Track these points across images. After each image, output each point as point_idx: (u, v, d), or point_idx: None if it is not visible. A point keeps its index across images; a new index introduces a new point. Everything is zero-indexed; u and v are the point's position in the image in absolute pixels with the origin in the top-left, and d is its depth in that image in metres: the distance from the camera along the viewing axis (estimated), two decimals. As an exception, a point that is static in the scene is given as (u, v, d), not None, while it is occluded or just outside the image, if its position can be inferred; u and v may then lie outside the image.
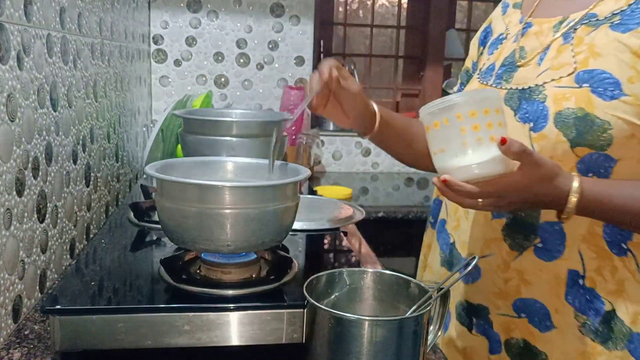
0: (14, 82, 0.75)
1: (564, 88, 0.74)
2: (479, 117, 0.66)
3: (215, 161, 0.91)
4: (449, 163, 0.69)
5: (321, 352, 0.61)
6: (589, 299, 0.76)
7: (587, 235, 0.75)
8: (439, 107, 0.68)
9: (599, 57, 0.73)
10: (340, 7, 2.45)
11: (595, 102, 0.71)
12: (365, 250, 1.20)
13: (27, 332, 0.75)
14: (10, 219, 0.74)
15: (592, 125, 0.71)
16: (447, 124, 0.68)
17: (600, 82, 0.72)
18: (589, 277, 0.75)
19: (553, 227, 0.77)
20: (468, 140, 0.66)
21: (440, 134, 0.69)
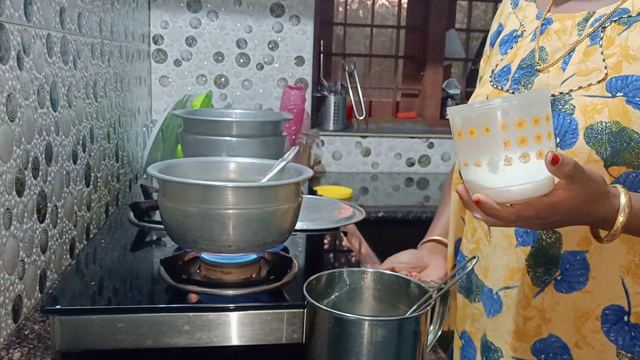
0: (14, 82, 0.75)
1: (594, 97, 0.65)
2: (527, 128, 0.54)
3: (217, 161, 0.91)
4: (484, 180, 0.57)
5: (321, 352, 0.61)
6: (635, 335, 0.67)
7: (632, 267, 0.66)
8: (478, 111, 0.56)
9: (635, 61, 0.64)
10: (340, 7, 2.45)
11: (632, 115, 0.63)
12: (365, 250, 1.20)
13: (27, 332, 0.75)
14: (10, 219, 0.74)
15: (630, 141, 0.62)
16: (488, 134, 0.55)
17: (637, 91, 0.63)
18: (635, 313, 0.67)
19: (575, 257, 0.69)
20: (512, 157, 0.55)
21: (475, 145, 0.56)
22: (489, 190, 0.57)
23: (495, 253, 0.76)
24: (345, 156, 2.30)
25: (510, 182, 0.56)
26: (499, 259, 0.76)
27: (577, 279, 0.69)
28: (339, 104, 2.25)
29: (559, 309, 0.70)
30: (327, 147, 2.28)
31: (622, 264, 0.67)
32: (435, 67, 2.42)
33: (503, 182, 0.56)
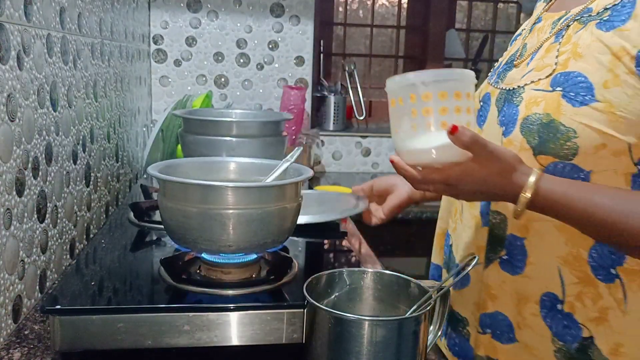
0: (14, 82, 0.75)
1: (539, 91, 0.69)
2: (433, 100, 0.62)
3: (217, 161, 0.91)
4: (400, 144, 0.66)
5: (321, 352, 0.61)
6: (567, 324, 0.71)
7: (569, 258, 0.70)
8: (398, 84, 0.65)
9: (580, 59, 0.67)
10: (340, 7, 2.45)
11: (563, 108, 0.66)
12: (365, 250, 1.20)
13: (27, 332, 0.75)
14: (10, 219, 0.74)
15: (556, 132, 0.66)
16: (402, 104, 0.64)
17: (573, 86, 0.66)
18: (568, 302, 0.71)
19: (517, 242, 0.73)
20: (417, 124, 0.63)
21: (396, 113, 0.66)
22: (402, 153, 0.67)
23: (465, 232, 0.82)
24: (345, 156, 2.30)
25: (413, 145, 0.64)
26: (466, 237, 0.82)
27: (518, 263, 0.74)
28: (339, 104, 2.25)
29: (506, 287, 0.75)
30: (327, 147, 2.28)
31: (560, 254, 0.70)
32: (435, 67, 2.42)
33: (411, 145, 0.65)
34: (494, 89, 0.79)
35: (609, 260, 0.68)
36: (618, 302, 0.68)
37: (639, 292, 0.68)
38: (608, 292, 0.69)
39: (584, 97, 0.65)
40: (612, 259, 0.68)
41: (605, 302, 0.69)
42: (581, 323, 0.70)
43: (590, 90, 0.65)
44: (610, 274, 0.68)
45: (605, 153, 0.65)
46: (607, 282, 0.69)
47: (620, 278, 0.68)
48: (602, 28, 0.66)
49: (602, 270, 0.69)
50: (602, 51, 0.65)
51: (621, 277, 0.68)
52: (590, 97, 0.65)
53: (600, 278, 0.69)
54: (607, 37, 0.65)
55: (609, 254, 0.68)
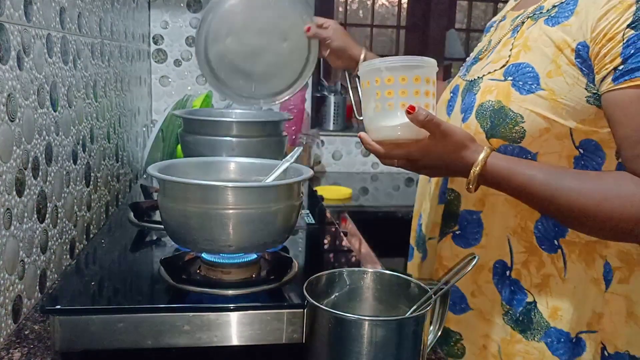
0: (14, 82, 0.75)
1: (493, 81, 0.76)
2: (394, 83, 0.70)
3: (217, 161, 0.91)
4: (367, 122, 0.75)
5: (321, 352, 0.61)
6: (514, 290, 0.78)
7: (518, 229, 0.77)
8: (366, 68, 0.73)
9: (529, 51, 0.73)
10: (340, 7, 2.45)
11: (512, 96, 0.73)
12: (365, 250, 1.20)
13: (27, 332, 0.75)
14: (10, 219, 0.74)
15: (506, 117, 0.73)
16: (369, 86, 0.73)
17: (522, 76, 0.73)
18: (515, 270, 0.78)
19: (472, 216, 0.81)
20: (380, 105, 0.72)
21: (365, 94, 0.75)
22: (368, 130, 0.75)
23: (431, 210, 0.91)
24: (345, 156, 2.30)
25: (378, 123, 0.73)
26: (432, 215, 0.90)
27: (473, 236, 0.82)
28: (339, 104, 2.25)
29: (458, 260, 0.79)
30: (327, 147, 2.28)
31: (510, 225, 0.78)
32: (435, 67, 2.42)
33: (374, 123, 0.74)
34: (462, 80, 0.86)
35: (552, 232, 0.76)
36: (559, 270, 0.76)
37: (577, 262, 0.75)
38: (550, 261, 0.76)
39: (531, 85, 0.72)
40: (556, 232, 0.76)
41: (547, 270, 0.77)
42: (526, 289, 0.78)
43: (537, 80, 0.71)
44: (554, 245, 0.76)
45: (549, 137, 0.72)
46: (550, 252, 0.76)
47: (562, 249, 0.76)
48: (549, 23, 0.72)
49: (546, 241, 0.76)
50: (547, 44, 0.71)
51: (563, 248, 0.76)
52: (536, 86, 0.71)
53: (544, 248, 0.76)
54: (552, 32, 0.71)
55: (552, 226, 0.75)
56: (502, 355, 0.80)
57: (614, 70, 0.66)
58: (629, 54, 0.64)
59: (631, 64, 0.64)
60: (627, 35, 0.64)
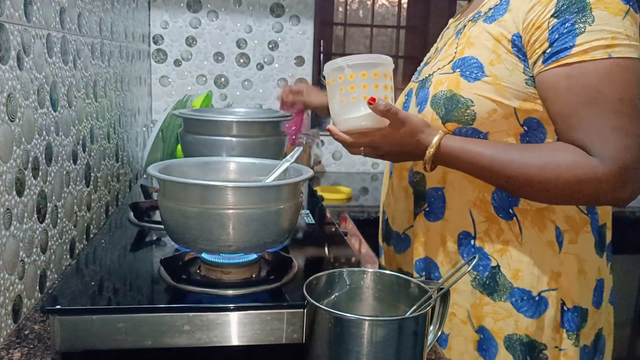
0: (14, 82, 0.75)
1: (443, 75, 0.86)
2: (356, 79, 0.80)
3: (217, 161, 0.91)
4: (334, 116, 0.84)
5: (321, 352, 0.61)
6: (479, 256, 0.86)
7: (477, 201, 0.86)
8: (330, 67, 0.82)
9: (472, 47, 0.83)
10: (340, 7, 2.45)
11: (461, 84, 0.82)
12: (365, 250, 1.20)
13: (27, 332, 0.75)
14: (10, 219, 0.74)
15: (458, 103, 0.82)
16: (334, 82, 0.82)
17: (468, 67, 0.82)
18: (479, 238, 0.86)
19: (437, 193, 0.90)
20: (345, 99, 0.81)
21: (330, 91, 0.84)
22: (336, 123, 0.84)
23: (397, 204, 0.99)
24: (345, 156, 2.30)
25: (344, 115, 0.83)
26: (401, 206, 0.98)
27: (439, 210, 0.90)
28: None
29: (430, 235, 0.91)
30: (327, 147, 2.28)
31: (470, 198, 0.86)
32: (435, 67, 2.42)
33: (340, 115, 0.83)
34: (414, 83, 0.96)
35: (507, 202, 0.84)
36: (516, 235, 0.84)
37: (530, 227, 0.84)
38: (508, 228, 0.85)
39: (477, 74, 0.81)
40: (510, 201, 0.84)
41: (506, 236, 0.85)
42: (490, 254, 0.86)
43: (481, 69, 0.81)
44: (509, 213, 0.85)
45: (497, 117, 0.81)
46: (507, 219, 0.85)
47: (516, 216, 0.84)
48: (487, 22, 0.83)
49: (502, 210, 0.85)
50: (487, 39, 0.82)
51: (517, 215, 0.84)
52: (481, 74, 0.81)
53: (502, 216, 0.85)
54: (491, 28, 0.82)
55: (506, 197, 0.84)
56: (472, 319, 0.87)
57: (542, 54, 0.76)
58: (554, 38, 0.75)
59: (556, 47, 0.74)
60: (552, 23, 0.75)
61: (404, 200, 0.97)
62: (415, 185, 0.93)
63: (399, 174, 0.99)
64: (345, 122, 0.83)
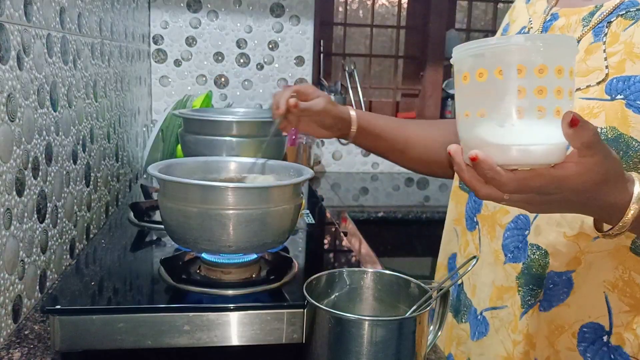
0: (14, 82, 0.75)
1: (592, 100, 0.59)
2: (548, 77, 0.46)
3: (217, 161, 0.91)
4: (486, 134, 0.48)
5: (321, 352, 0.61)
6: (614, 358, 0.62)
7: (620, 283, 0.61)
8: (494, 49, 0.47)
9: (639, 60, 0.58)
10: (340, 7, 2.45)
11: (631, 120, 0.56)
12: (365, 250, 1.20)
13: (27, 332, 0.75)
14: (10, 219, 0.74)
15: (627, 149, 0.57)
16: (501, 77, 0.46)
17: (638, 93, 0.57)
18: (615, 334, 0.62)
19: (560, 277, 0.64)
20: (525, 108, 0.46)
21: (483, 90, 0.48)
22: (490, 147, 0.47)
23: (482, 269, 0.71)
24: (345, 156, 2.29)
25: (518, 140, 0.46)
26: (485, 276, 0.71)
27: (558, 297, 0.64)
28: (339, 104, 2.25)
29: (542, 330, 0.66)
30: (327, 147, 2.28)
31: (608, 279, 0.61)
32: (435, 67, 2.42)
33: (510, 138, 0.46)
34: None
35: None
36: None
37: None
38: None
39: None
40: None
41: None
42: (632, 356, 0.62)
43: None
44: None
45: None
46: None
47: None
48: None
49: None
50: None
51: None
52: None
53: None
54: None
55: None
56: None
57: None
58: None
59: None
60: None
61: (491, 268, 0.69)
62: (532, 265, 0.64)
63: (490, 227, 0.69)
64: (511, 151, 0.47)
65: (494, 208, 0.70)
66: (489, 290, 0.70)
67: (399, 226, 1.77)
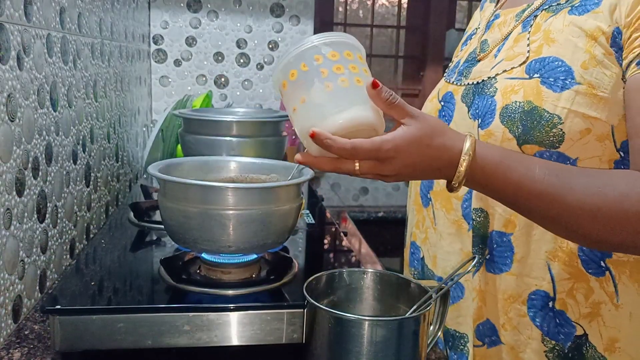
0: (14, 82, 0.75)
1: (514, 80, 0.67)
2: (341, 59, 0.58)
3: (217, 161, 0.91)
4: (311, 116, 0.58)
5: (321, 352, 0.61)
6: (559, 322, 0.68)
7: (559, 253, 0.67)
8: (293, 54, 0.59)
9: (553, 44, 0.66)
10: (340, 7, 2.45)
11: (544, 94, 0.64)
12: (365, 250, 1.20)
13: (27, 332, 0.75)
14: (10, 219, 0.74)
15: (540, 119, 0.64)
16: (306, 68, 0.58)
17: (551, 72, 0.64)
18: (559, 300, 0.67)
19: (501, 239, 0.70)
20: (331, 84, 0.57)
21: (298, 85, 0.59)
22: (319, 122, 0.57)
23: (442, 240, 0.77)
24: (345, 156, 2.29)
25: (336, 107, 0.57)
26: (447, 246, 0.76)
27: (503, 261, 0.70)
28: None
29: (489, 289, 0.72)
30: (327, 147, 2.28)
31: (548, 248, 0.67)
32: (435, 67, 2.42)
33: (329, 108, 0.57)
34: (457, 86, 0.77)
35: (598, 253, 0.66)
36: (610, 295, 0.66)
37: (629, 284, 0.66)
38: (599, 286, 0.66)
39: (564, 81, 0.63)
40: (602, 252, 0.66)
41: (596, 296, 0.66)
42: (574, 321, 0.67)
43: (570, 74, 0.63)
44: (600, 268, 0.66)
45: (590, 138, 0.63)
46: (597, 275, 0.66)
47: (609, 270, 0.66)
48: (576, 12, 0.65)
49: (592, 264, 0.66)
50: (576, 34, 0.64)
51: (610, 269, 0.66)
52: (570, 81, 0.63)
53: (591, 272, 0.66)
54: (581, 21, 0.64)
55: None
56: None
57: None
58: None
59: None
60: None
61: (454, 238, 0.75)
62: (478, 227, 0.71)
63: (445, 201, 0.76)
64: (335, 118, 0.57)
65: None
66: (457, 257, 0.75)
67: (399, 226, 1.77)
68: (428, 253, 0.81)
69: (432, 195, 0.79)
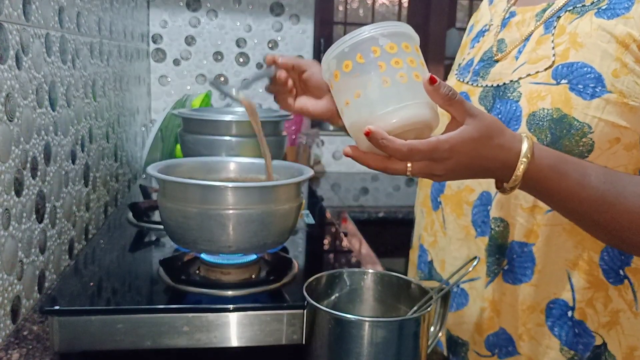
0: (12, 81, 0.74)
1: (540, 85, 0.65)
2: (399, 52, 0.55)
3: (217, 161, 0.91)
4: (365, 111, 0.55)
5: (321, 353, 0.61)
6: (578, 332, 0.67)
7: (580, 262, 0.66)
8: (348, 43, 0.56)
9: (581, 48, 0.64)
10: (340, 6, 2.45)
11: (573, 102, 0.62)
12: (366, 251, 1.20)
13: (25, 333, 0.75)
14: (8, 219, 0.74)
15: (570, 128, 0.62)
16: (362, 60, 0.55)
17: (580, 78, 0.63)
18: (579, 309, 0.67)
19: (522, 249, 0.69)
20: (389, 79, 0.54)
21: (353, 77, 0.56)
22: (375, 121, 0.54)
23: (450, 245, 0.76)
24: (345, 156, 2.29)
25: (392, 104, 0.54)
26: (455, 251, 0.75)
27: (523, 272, 0.69)
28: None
29: (506, 299, 0.70)
30: (327, 147, 2.28)
31: (569, 257, 0.66)
32: (436, 67, 2.42)
33: (386, 105, 0.54)
34: (473, 87, 0.74)
35: (618, 261, 0.65)
36: (629, 303, 0.66)
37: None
38: (617, 294, 0.66)
39: (594, 88, 0.62)
40: (621, 260, 0.65)
41: (615, 304, 0.66)
42: (593, 330, 0.67)
43: (600, 81, 0.62)
44: (619, 276, 0.66)
45: (618, 148, 0.62)
46: (616, 284, 0.66)
47: (628, 278, 0.65)
48: (603, 16, 0.63)
49: (612, 273, 0.65)
50: (605, 39, 0.62)
51: (629, 277, 0.65)
52: (601, 89, 0.61)
53: (610, 281, 0.66)
54: (611, 25, 0.62)
55: (618, 255, 0.65)
56: None
57: None
58: None
59: None
60: None
61: (462, 243, 0.74)
62: (496, 236, 0.70)
63: (456, 206, 0.75)
64: (391, 116, 0.54)
65: (457, 188, 0.75)
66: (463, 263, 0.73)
67: (399, 226, 1.77)
68: (437, 257, 0.80)
69: (443, 199, 0.77)
